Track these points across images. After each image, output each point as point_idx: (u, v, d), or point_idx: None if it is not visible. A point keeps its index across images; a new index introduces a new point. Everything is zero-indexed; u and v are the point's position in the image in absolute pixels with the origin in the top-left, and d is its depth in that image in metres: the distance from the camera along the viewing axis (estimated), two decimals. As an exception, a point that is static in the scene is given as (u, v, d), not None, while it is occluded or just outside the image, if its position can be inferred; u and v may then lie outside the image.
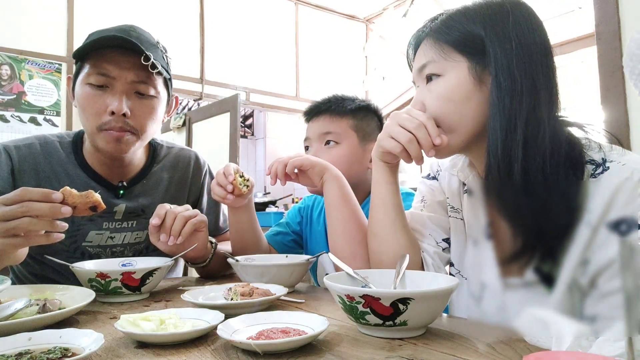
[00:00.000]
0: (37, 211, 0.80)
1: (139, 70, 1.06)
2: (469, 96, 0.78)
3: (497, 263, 0.79)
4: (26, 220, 0.79)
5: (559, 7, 3.50)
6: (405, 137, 0.79)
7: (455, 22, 0.80)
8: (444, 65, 0.79)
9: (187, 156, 1.33)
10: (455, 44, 0.79)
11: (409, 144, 0.79)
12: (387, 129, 0.83)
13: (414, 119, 0.79)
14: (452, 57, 0.79)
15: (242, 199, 1.12)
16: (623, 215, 0.64)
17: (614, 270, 0.64)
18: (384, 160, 0.89)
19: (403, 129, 0.80)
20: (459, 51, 0.78)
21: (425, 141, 0.78)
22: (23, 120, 3.36)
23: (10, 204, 0.80)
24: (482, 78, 0.77)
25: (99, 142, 1.07)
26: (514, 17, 0.76)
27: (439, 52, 0.80)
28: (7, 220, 0.79)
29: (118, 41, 1.03)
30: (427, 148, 0.79)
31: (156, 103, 1.12)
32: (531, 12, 0.78)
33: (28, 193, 0.81)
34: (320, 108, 1.29)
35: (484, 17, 0.78)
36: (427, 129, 0.78)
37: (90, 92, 1.05)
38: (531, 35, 0.76)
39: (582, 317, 0.68)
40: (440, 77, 0.80)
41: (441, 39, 0.80)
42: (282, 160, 1.07)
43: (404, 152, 0.81)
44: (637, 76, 0.71)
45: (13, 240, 0.81)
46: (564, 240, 0.67)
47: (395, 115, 0.82)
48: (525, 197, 0.72)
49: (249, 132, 6.29)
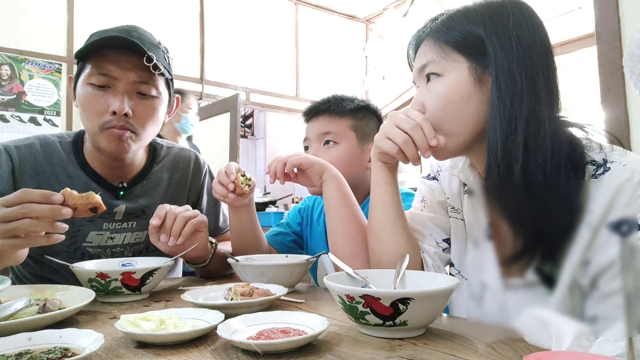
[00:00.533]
0: (38, 212, 0.80)
1: (140, 70, 1.06)
2: (469, 96, 0.77)
3: (498, 264, 0.78)
4: (27, 221, 0.80)
5: (559, 7, 3.50)
6: (401, 138, 0.79)
7: (456, 22, 0.80)
8: (444, 66, 0.79)
9: (187, 156, 1.33)
10: (455, 44, 0.79)
11: (405, 144, 0.79)
12: (384, 129, 0.83)
13: (410, 119, 0.79)
14: (452, 57, 0.79)
15: (243, 198, 1.12)
16: (624, 216, 0.64)
17: (614, 271, 0.64)
18: (382, 161, 0.89)
19: (399, 129, 0.80)
20: (459, 51, 0.78)
21: (421, 142, 0.78)
22: (23, 120, 3.36)
23: (11, 205, 0.80)
24: (483, 78, 0.77)
25: (101, 142, 1.07)
26: (515, 17, 0.76)
27: (439, 52, 0.80)
28: (8, 221, 0.80)
29: (120, 41, 1.04)
30: (423, 149, 0.79)
31: (157, 103, 1.12)
32: (532, 12, 0.78)
33: (28, 194, 0.81)
34: (320, 108, 1.29)
35: (485, 17, 0.78)
36: (423, 130, 0.78)
37: (92, 92, 1.05)
38: (532, 36, 0.75)
39: (582, 317, 0.68)
40: (440, 77, 0.80)
41: (441, 39, 0.80)
42: (282, 159, 1.07)
43: (401, 153, 0.81)
44: (637, 76, 0.71)
45: (13, 241, 0.81)
46: (564, 241, 0.67)
47: (393, 116, 0.82)
48: (526, 198, 0.71)
49: (249, 132, 6.29)
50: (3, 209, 0.80)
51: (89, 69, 1.06)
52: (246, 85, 4.56)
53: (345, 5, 5.25)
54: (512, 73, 0.74)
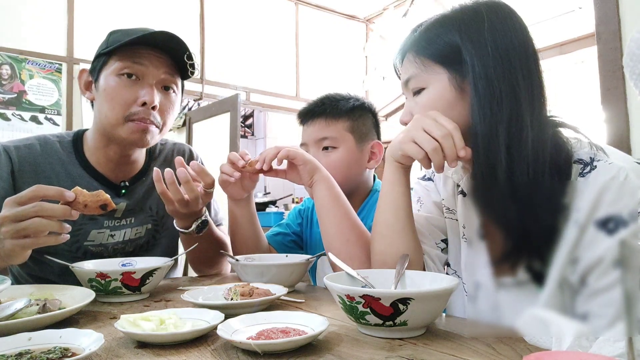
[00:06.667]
0: (51, 212, 0.81)
1: (168, 66, 1.12)
2: (452, 106, 0.78)
3: (490, 263, 0.79)
4: (37, 220, 0.80)
5: (559, 7, 3.50)
6: (431, 145, 0.76)
7: (433, 33, 0.80)
8: (426, 78, 0.80)
9: (182, 150, 1.36)
10: (434, 56, 0.79)
11: (434, 152, 0.76)
12: (411, 133, 0.79)
13: (441, 126, 0.75)
14: (432, 70, 0.79)
15: (242, 191, 1.12)
16: (610, 213, 0.65)
17: (602, 268, 0.65)
18: (401, 162, 0.87)
19: (429, 135, 0.76)
20: (439, 63, 0.79)
21: (451, 151, 0.75)
22: (24, 118, 3.35)
23: (25, 201, 0.81)
24: (463, 87, 0.77)
25: (122, 132, 1.09)
26: (490, 22, 0.76)
27: (420, 66, 0.81)
28: (20, 220, 0.80)
29: (164, 37, 1.08)
30: (451, 159, 0.76)
31: (176, 99, 1.18)
32: (509, 14, 0.77)
33: (43, 190, 0.82)
34: (315, 111, 1.28)
35: (460, 24, 0.77)
36: (453, 139, 0.75)
37: (121, 82, 1.08)
38: (509, 39, 0.75)
39: (573, 314, 0.68)
40: (424, 89, 0.81)
41: (421, 53, 0.81)
42: (277, 147, 1.05)
43: (426, 159, 0.78)
44: (637, 76, 0.71)
45: (24, 241, 0.81)
46: (552, 240, 0.68)
47: (420, 120, 0.78)
48: (511, 199, 0.72)
49: (249, 132, 6.30)
50: (15, 208, 0.80)
51: (117, 62, 1.09)
52: (246, 85, 4.56)
53: (345, 5, 5.25)
54: (490, 79, 0.73)
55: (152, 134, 1.11)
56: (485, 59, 0.74)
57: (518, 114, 0.72)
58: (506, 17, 0.77)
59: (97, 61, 1.12)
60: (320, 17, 5.25)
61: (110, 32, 1.14)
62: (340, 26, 5.42)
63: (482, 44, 0.75)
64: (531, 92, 0.74)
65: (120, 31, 1.12)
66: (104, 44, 1.12)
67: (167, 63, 1.12)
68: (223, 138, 3.82)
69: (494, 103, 0.73)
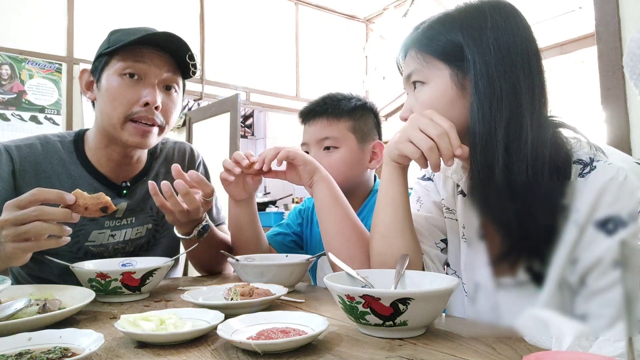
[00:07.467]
0: (52, 215, 0.81)
1: (170, 66, 1.12)
2: (452, 103, 0.78)
3: (490, 263, 0.79)
4: (38, 224, 0.80)
5: (559, 7, 3.50)
6: (427, 144, 0.76)
7: (435, 30, 0.80)
8: (427, 74, 0.80)
9: (182, 148, 1.36)
10: (436, 53, 0.79)
11: (430, 151, 0.76)
12: (407, 132, 0.79)
13: (437, 125, 0.76)
14: (434, 66, 0.79)
15: (244, 192, 1.12)
16: (609, 214, 0.65)
17: (602, 269, 0.65)
18: (398, 162, 0.87)
19: (424, 134, 0.76)
20: (441, 59, 0.79)
21: (447, 150, 0.75)
22: (24, 118, 3.35)
23: (25, 206, 0.80)
24: (464, 84, 0.77)
25: (123, 134, 1.09)
26: (492, 21, 0.76)
27: (422, 62, 0.81)
28: (20, 224, 0.79)
29: (165, 37, 1.08)
30: (447, 157, 0.76)
31: (178, 99, 1.18)
32: (512, 13, 0.77)
33: (43, 193, 0.81)
34: (317, 111, 1.27)
35: (462, 22, 0.78)
36: (449, 137, 0.75)
37: (123, 82, 1.08)
38: (511, 38, 0.75)
39: (573, 315, 0.68)
40: (425, 84, 0.81)
41: (423, 49, 0.81)
42: (277, 147, 1.05)
43: (422, 158, 0.78)
44: (637, 76, 0.71)
45: (24, 244, 0.81)
46: (552, 240, 0.68)
47: (416, 119, 0.78)
48: (509, 199, 0.72)
49: (249, 132, 6.30)
50: (16, 212, 0.80)
51: (119, 61, 1.08)
52: (246, 85, 4.56)
53: (345, 5, 5.25)
54: (491, 77, 0.73)
55: (153, 135, 1.11)
56: (486, 56, 0.74)
57: (518, 113, 0.72)
58: (509, 16, 0.77)
59: (98, 61, 1.12)
60: (320, 17, 5.25)
61: (111, 32, 1.14)
62: (340, 26, 5.42)
63: (484, 42, 0.75)
64: (532, 92, 0.74)
65: (121, 31, 1.12)
66: (105, 44, 1.12)
67: (169, 62, 1.12)
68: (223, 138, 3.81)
69: (494, 101, 0.73)
